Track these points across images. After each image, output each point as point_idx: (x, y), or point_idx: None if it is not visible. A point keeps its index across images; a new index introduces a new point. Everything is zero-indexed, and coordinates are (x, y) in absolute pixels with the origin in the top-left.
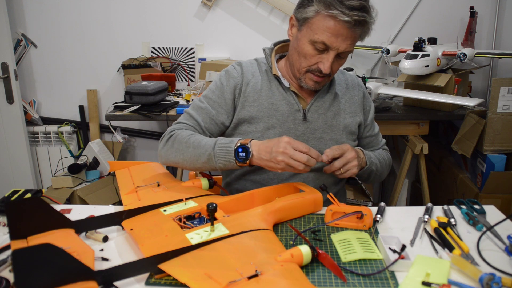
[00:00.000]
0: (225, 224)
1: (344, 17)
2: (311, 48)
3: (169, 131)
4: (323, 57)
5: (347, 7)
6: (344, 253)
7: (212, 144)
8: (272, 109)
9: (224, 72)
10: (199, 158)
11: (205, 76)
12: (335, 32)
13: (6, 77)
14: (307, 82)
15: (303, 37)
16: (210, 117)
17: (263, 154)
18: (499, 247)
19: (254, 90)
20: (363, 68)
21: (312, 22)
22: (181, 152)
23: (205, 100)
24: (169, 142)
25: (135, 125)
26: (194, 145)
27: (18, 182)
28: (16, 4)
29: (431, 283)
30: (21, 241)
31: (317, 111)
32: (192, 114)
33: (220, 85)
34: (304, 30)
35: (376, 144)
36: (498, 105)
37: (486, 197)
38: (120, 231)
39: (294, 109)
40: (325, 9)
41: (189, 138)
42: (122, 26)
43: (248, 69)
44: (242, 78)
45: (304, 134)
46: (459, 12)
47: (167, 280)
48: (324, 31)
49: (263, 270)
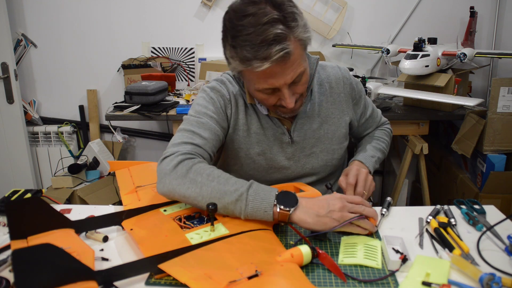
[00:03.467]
0: (225, 224)
1: (263, 65)
2: (262, 94)
3: (178, 153)
4: (279, 95)
5: (261, 47)
6: (343, 255)
7: (246, 185)
8: (261, 134)
9: (210, 88)
10: (223, 196)
11: (205, 76)
12: (268, 76)
13: (6, 77)
14: (283, 113)
15: (249, 86)
16: (214, 132)
17: (315, 210)
18: (499, 247)
19: (242, 112)
20: (363, 68)
21: (244, 75)
22: (199, 185)
23: (201, 115)
24: (181, 168)
25: (135, 125)
26: (220, 181)
27: (18, 182)
28: (16, 4)
29: (431, 283)
30: (21, 241)
31: (302, 128)
32: (195, 131)
33: (210, 99)
34: (245, 81)
35: (373, 123)
36: (498, 105)
37: (486, 197)
38: (120, 231)
39: (279, 132)
40: (242, 64)
41: (212, 170)
42: (122, 26)
43: (232, 89)
44: (230, 97)
45: (294, 155)
46: (459, 12)
47: (167, 280)
48: (258, 79)
49: (263, 270)
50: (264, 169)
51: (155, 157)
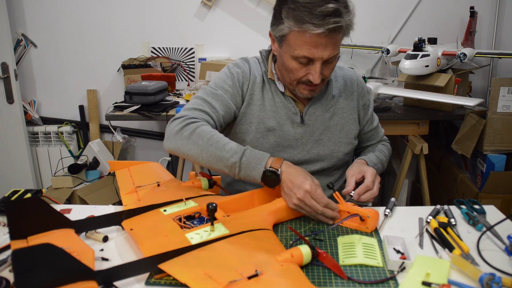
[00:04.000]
0: (225, 224)
1: (316, 29)
2: (295, 63)
3: (186, 117)
4: (310, 68)
5: (318, 16)
6: (344, 256)
7: (239, 152)
8: (273, 111)
9: (233, 64)
10: (219, 160)
11: (205, 76)
12: (313, 44)
13: (6, 77)
14: (302, 92)
15: (285, 53)
16: (226, 105)
17: (284, 185)
18: (499, 247)
19: (259, 89)
20: (363, 68)
21: (289, 39)
22: (200, 147)
23: (218, 88)
24: (185, 131)
25: (135, 125)
26: (218, 146)
27: (18, 182)
28: (16, 4)
29: (431, 283)
30: (21, 241)
31: (314, 113)
32: (208, 100)
33: (230, 75)
34: (284, 46)
35: (376, 137)
36: (498, 105)
37: (486, 197)
38: (120, 231)
39: (292, 112)
40: (296, 24)
41: (212, 135)
42: (122, 26)
43: (254, 67)
44: (250, 74)
45: (303, 137)
46: (459, 12)
47: (167, 280)
48: (301, 45)
49: (263, 270)
50: (272, 146)
51: (155, 157)
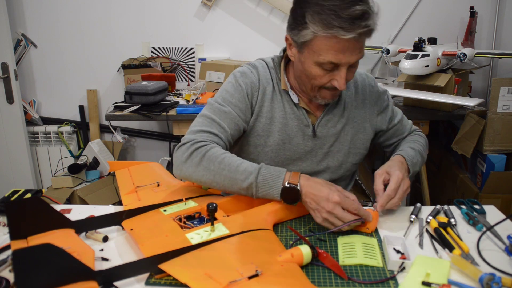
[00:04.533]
0: (225, 224)
1: (347, 34)
2: (319, 69)
3: (193, 141)
4: (335, 74)
5: (347, 19)
6: (344, 256)
7: (254, 172)
8: (283, 124)
9: (240, 74)
10: (234, 184)
11: (205, 76)
12: (340, 49)
13: (6, 77)
14: (324, 97)
15: (307, 59)
16: (235, 122)
17: (308, 200)
18: (499, 247)
19: (268, 100)
20: (363, 68)
21: (313, 44)
22: (212, 173)
23: (225, 103)
24: (195, 156)
25: (135, 125)
26: (231, 169)
27: (18, 182)
28: (16, 4)
29: (431, 283)
30: (21, 241)
31: (327, 125)
32: (215, 119)
33: (238, 87)
34: (305, 52)
35: (402, 130)
36: (498, 105)
37: (486, 197)
38: (120, 231)
39: (304, 124)
40: (324, 29)
41: (223, 158)
42: (122, 26)
43: (263, 74)
44: (259, 83)
45: (313, 149)
46: (459, 12)
47: (167, 280)
48: (327, 51)
49: (263, 270)
50: (280, 160)
51: (155, 157)
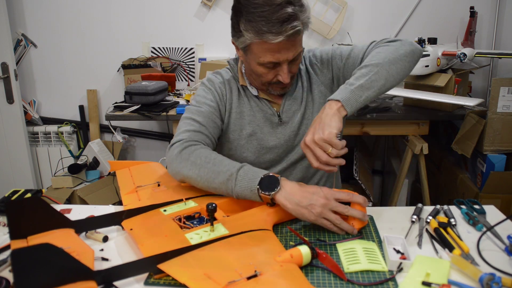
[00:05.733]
0: (225, 225)
1: (276, 38)
2: (263, 68)
3: (183, 140)
4: (278, 70)
5: (275, 23)
6: (348, 263)
7: (238, 166)
8: (252, 115)
9: (207, 80)
10: (217, 176)
11: (205, 76)
12: (276, 50)
13: (6, 77)
14: (275, 91)
15: (251, 60)
16: (212, 119)
17: (297, 198)
18: (499, 247)
19: (235, 97)
20: None
21: (252, 48)
22: (198, 166)
23: (200, 104)
24: (184, 153)
25: (135, 125)
26: (215, 162)
27: (18, 182)
28: (16, 4)
29: (431, 283)
30: (21, 241)
31: (290, 109)
32: (196, 118)
33: (208, 90)
34: (248, 55)
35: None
36: (498, 105)
37: (486, 197)
38: (120, 231)
39: (269, 113)
40: (256, 36)
41: (210, 153)
42: (122, 26)
43: (226, 77)
44: (224, 85)
45: (283, 134)
46: (459, 12)
47: (166, 280)
48: (265, 53)
49: (262, 271)
50: (256, 149)
51: (155, 157)
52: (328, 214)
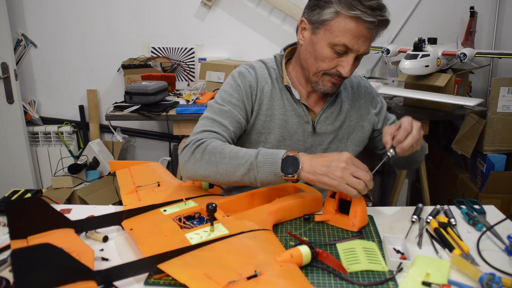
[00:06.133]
0: (225, 224)
1: (368, 17)
2: (330, 51)
3: (194, 141)
4: (342, 60)
5: (368, 7)
6: (348, 263)
7: (254, 153)
8: (283, 120)
9: (238, 74)
10: (237, 169)
11: (205, 76)
12: (357, 34)
13: (6, 77)
14: (325, 84)
15: (321, 40)
16: (236, 120)
17: (317, 168)
18: (499, 247)
19: (267, 98)
20: (363, 68)
21: (332, 25)
22: (214, 164)
23: (225, 103)
24: (197, 153)
25: (135, 125)
26: (231, 155)
27: (18, 182)
28: (16, 4)
29: (431, 283)
30: (21, 241)
31: (325, 121)
32: (216, 119)
33: (237, 87)
34: (321, 33)
35: None
36: (498, 105)
37: (486, 197)
38: (120, 231)
39: (304, 121)
40: (347, 9)
41: (223, 148)
42: (122, 26)
43: (261, 74)
44: (257, 82)
45: (312, 146)
46: (459, 12)
47: (166, 280)
48: (345, 33)
49: (262, 271)
50: None
51: (155, 157)
52: (349, 178)
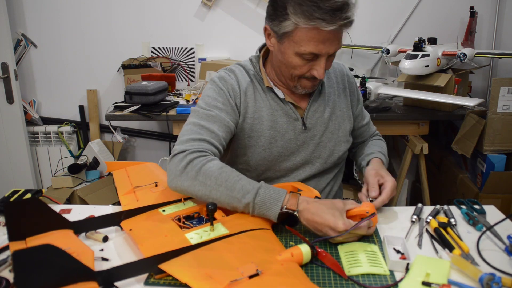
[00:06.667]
0: (225, 224)
1: (328, 26)
2: (299, 59)
3: (186, 153)
4: (314, 64)
5: (328, 11)
6: (349, 266)
7: (252, 191)
8: (272, 121)
9: (219, 78)
10: (231, 201)
11: (205, 76)
12: (321, 40)
13: (6, 77)
14: (304, 86)
15: (287, 50)
16: (224, 124)
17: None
18: (499, 247)
19: (252, 100)
20: (363, 68)
21: (294, 35)
22: (208, 188)
23: (211, 108)
24: (190, 170)
25: (135, 125)
26: (228, 186)
27: (18, 182)
28: (16, 4)
29: (431, 283)
30: (19, 242)
31: (314, 115)
32: (204, 124)
33: (220, 90)
34: (286, 43)
35: (368, 133)
36: (498, 105)
37: (486, 197)
38: (119, 231)
39: (293, 118)
40: (305, 20)
41: (220, 173)
42: (122, 26)
43: (242, 77)
44: (239, 86)
45: (304, 142)
46: (459, 12)
47: (166, 280)
48: (309, 41)
49: (264, 269)
50: (274, 157)
51: (155, 157)
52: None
